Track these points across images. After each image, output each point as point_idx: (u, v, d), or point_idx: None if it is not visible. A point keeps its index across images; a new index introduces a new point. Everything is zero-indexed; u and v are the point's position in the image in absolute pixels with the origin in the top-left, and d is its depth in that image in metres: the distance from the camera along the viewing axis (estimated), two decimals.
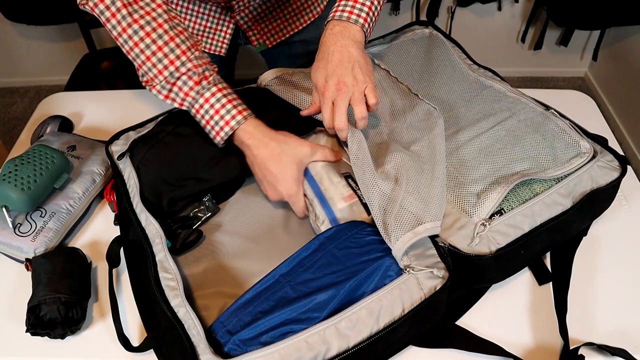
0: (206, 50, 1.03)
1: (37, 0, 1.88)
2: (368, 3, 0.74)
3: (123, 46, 0.72)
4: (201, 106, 0.72)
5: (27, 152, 0.78)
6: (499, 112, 0.80)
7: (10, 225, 0.73)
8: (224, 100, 0.72)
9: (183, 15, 0.98)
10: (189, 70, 0.71)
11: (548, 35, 2.20)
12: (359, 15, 0.73)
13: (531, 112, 0.80)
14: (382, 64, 0.90)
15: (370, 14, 0.75)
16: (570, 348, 0.63)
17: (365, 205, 0.69)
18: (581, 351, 0.63)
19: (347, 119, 0.71)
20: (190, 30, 1.00)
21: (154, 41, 0.70)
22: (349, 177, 0.73)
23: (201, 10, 0.97)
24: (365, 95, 0.71)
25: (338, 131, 0.71)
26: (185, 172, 0.75)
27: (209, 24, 0.99)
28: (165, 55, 0.71)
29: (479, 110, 0.82)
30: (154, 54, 0.70)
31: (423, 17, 2.18)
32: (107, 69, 1.77)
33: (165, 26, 0.71)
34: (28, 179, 0.74)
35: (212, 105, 0.72)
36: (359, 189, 0.71)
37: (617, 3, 1.90)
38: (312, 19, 1.05)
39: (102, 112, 1.00)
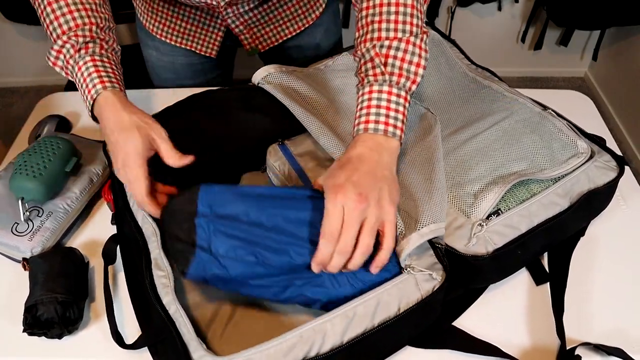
0: (197, 52, 1.03)
1: None
2: (401, 108, 0.64)
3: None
4: (76, 75, 0.72)
5: (34, 144, 0.80)
6: (497, 112, 0.80)
7: (22, 218, 0.74)
8: (91, 70, 0.70)
9: (175, 15, 0.98)
10: (70, 39, 0.71)
11: (548, 35, 2.20)
12: (395, 126, 0.63)
13: (528, 112, 0.80)
14: None
15: (405, 120, 0.65)
16: (567, 348, 0.63)
17: None
18: (578, 351, 0.63)
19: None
20: (181, 31, 1.00)
21: (60, 7, 0.71)
22: None
23: (192, 11, 0.97)
24: (381, 231, 0.58)
25: (338, 254, 0.56)
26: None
27: (200, 24, 0.99)
28: (60, 25, 0.72)
29: (477, 111, 0.81)
30: (53, 19, 0.72)
31: None
32: None
33: (70, 0, 0.72)
34: (38, 166, 0.75)
35: (82, 74, 0.71)
36: None
37: (617, 3, 1.90)
38: (307, 25, 1.04)
39: None
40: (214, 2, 0.87)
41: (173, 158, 0.66)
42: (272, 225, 0.59)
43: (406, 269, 0.61)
